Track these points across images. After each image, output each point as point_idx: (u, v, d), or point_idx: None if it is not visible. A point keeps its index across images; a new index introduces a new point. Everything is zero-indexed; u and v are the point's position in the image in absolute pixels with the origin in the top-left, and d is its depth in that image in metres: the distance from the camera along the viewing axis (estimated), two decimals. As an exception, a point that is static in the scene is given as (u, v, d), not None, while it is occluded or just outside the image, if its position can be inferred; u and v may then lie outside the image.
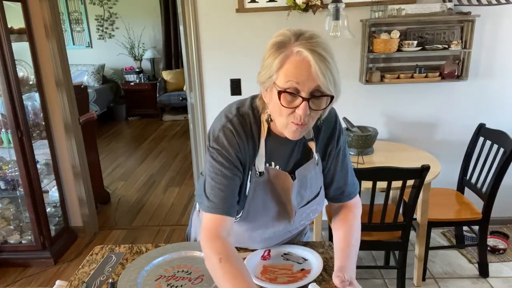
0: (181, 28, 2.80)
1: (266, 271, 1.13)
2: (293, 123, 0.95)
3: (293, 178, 1.10)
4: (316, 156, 1.11)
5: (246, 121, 1.05)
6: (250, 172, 1.07)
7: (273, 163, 1.08)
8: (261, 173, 1.06)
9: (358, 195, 1.24)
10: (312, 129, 1.08)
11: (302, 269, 1.13)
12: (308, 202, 1.16)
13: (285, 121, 0.96)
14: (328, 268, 1.14)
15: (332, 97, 0.93)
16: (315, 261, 1.15)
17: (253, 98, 1.09)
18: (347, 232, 1.13)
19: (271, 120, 1.01)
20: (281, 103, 0.93)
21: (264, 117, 1.05)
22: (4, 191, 2.77)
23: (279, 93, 0.92)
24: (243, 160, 1.05)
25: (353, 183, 1.21)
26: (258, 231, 1.17)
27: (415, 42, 2.57)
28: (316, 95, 0.92)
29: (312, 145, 1.10)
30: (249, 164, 1.06)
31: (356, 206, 1.20)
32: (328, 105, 0.95)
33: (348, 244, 1.09)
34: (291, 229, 1.21)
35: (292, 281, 1.07)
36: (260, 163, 1.06)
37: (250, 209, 1.10)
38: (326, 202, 1.25)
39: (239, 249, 1.25)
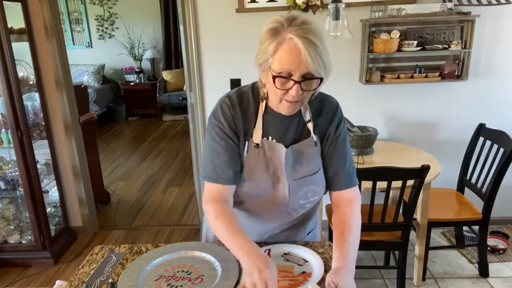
0: (181, 28, 2.80)
1: (267, 273, 1.12)
2: (287, 101, 1.07)
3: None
4: (314, 137, 1.18)
5: (244, 98, 1.18)
6: (247, 143, 1.16)
7: (270, 137, 1.17)
8: (257, 145, 1.15)
9: (358, 189, 1.24)
10: (310, 111, 1.19)
11: (303, 272, 1.13)
12: (303, 177, 1.18)
13: (279, 100, 1.08)
14: (328, 268, 1.14)
15: (321, 79, 1.04)
16: (315, 264, 1.15)
17: (255, 82, 1.21)
18: (345, 229, 1.13)
19: (266, 97, 1.14)
20: (275, 86, 1.04)
21: (261, 94, 1.16)
22: (4, 191, 2.77)
23: (274, 77, 1.03)
24: (238, 132, 1.15)
25: (352, 174, 1.23)
26: (257, 208, 1.20)
27: (415, 42, 2.57)
28: (307, 77, 1.02)
29: (310, 126, 1.18)
30: (246, 136, 1.16)
31: (355, 199, 1.21)
32: (319, 85, 1.07)
33: (345, 241, 1.09)
34: (290, 209, 1.22)
35: (293, 285, 1.07)
36: (257, 136, 1.15)
37: (247, 179, 1.17)
38: (327, 201, 1.24)
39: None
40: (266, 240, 1.29)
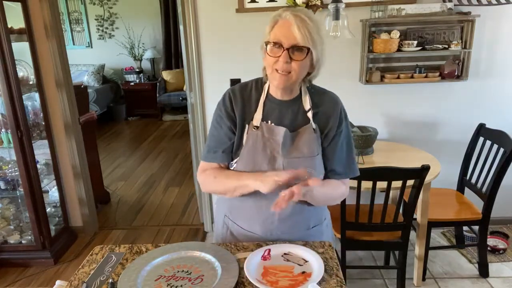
0: (181, 28, 2.80)
1: (267, 273, 1.12)
2: (277, 71, 1.19)
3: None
4: (313, 124, 1.27)
5: (247, 87, 1.32)
6: (247, 126, 1.27)
7: (269, 121, 1.27)
8: (257, 127, 1.26)
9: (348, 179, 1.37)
10: (311, 101, 1.29)
11: (303, 272, 1.13)
12: (298, 158, 1.25)
13: (271, 69, 1.20)
14: (328, 268, 1.14)
15: (308, 49, 1.16)
16: (315, 264, 1.15)
17: (260, 77, 1.34)
18: (329, 182, 1.31)
19: (265, 82, 1.29)
20: (267, 53, 1.19)
21: (264, 78, 1.29)
22: (4, 191, 2.77)
23: (266, 43, 1.19)
24: (236, 117, 1.27)
25: (352, 170, 1.34)
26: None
27: (415, 42, 2.57)
28: (295, 47, 1.16)
29: (310, 115, 1.28)
30: (246, 120, 1.27)
31: (344, 182, 1.35)
32: (306, 56, 1.17)
33: (326, 183, 1.29)
34: (285, 189, 1.22)
35: (293, 285, 1.07)
36: (256, 120, 1.27)
37: (246, 158, 1.26)
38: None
39: (239, 249, 1.25)
40: (271, 231, 1.31)
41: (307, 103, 1.28)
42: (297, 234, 1.33)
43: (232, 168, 1.29)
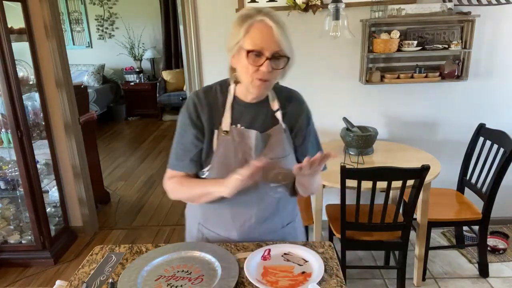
0: (181, 28, 2.80)
1: (267, 273, 1.12)
2: (257, 79, 1.14)
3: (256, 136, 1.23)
4: (283, 124, 1.26)
5: (212, 91, 1.26)
6: (216, 132, 1.23)
7: (238, 125, 1.23)
8: (226, 132, 1.22)
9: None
10: (278, 102, 1.27)
11: (303, 272, 1.13)
12: (270, 159, 1.21)
13: (251, 78, 1.14)
14: (328, 268, 1.14)
15: (288, 58, 1.13)
16: (315, 264, 1.15)
17: (224, 79, 1.28)
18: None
19: (236, 83, 1.22)
20: (248, 62, 1.12)
21: (232, 82, 1.24)
22: (4, 191, 2.77)
23: (248, 52, 1.11)
24: (203, 123, 1.22)
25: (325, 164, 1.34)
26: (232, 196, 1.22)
27: (415, 42, 2.57)
28: (276, 56, 1.11)
29: (279, 115, 1.26)
30: (213, 125, 1.23)
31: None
32: (286, 64, 1.14)
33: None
34: (262, 192, 1.24)
35: (293, 285, 1.07)
36: (225, 124, 1.22)
37: (217, 165, 1.23)
38: (327, 201, 1.24)
39: (239, 249, 1.25)
40: (249, 234, 1.30)
41: (275, 104, 1.27)
42: (273, 234, 1.34)
43: (204, 177, 1.25)
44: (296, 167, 1.10)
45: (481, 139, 2.55)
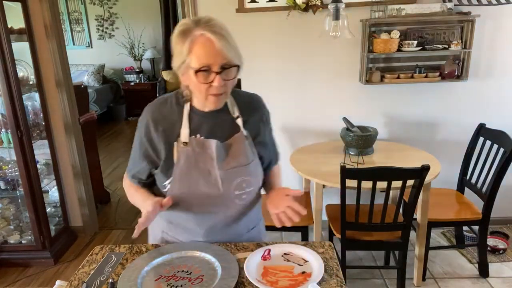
0: (181, 28, 2.79)
1: (267, 273, 1.12)
2: (212, 95, 1.13)
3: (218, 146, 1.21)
4: (244, 131, 1.23)
5: (167, 103, 1.23)
6: (176, 144, 1.19)
7: (198, 135, 1.20)
8: (185, 143, 1.18)
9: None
10: (238, 108, 1.25)
11: (303, 272, 1.13)
12: (233, 168, 1.21)
13: (205, 95, 1.13)
14: (328, 268, 1.14)
15: (238, 66, 1.12)
16: (315, 264, 1.15)
17: (178, 89, 1.24)
18: (277, 176, 1.42)
19: (187, 100, 1.21)
20: (199, 81, 1.09)
21: (185, 97, 1.22)
22: (4, 191, 2.77)
23: (196, 72, 1.08)
24: (157, 137, 1.20)
25: (278, 153, 1.43)
26: (195, 204, 1.24)
27: (415, 42, 2.57)
28: (225, 67, 1.09)
29: (240, 122, 1.24)
30: (171, 137, 1.20)
31: (278, 167, 1.45)
32: (237, 73, 1.13)
33: (279, 181, 1.41)
34: (226, 201, 1.23)
35: (293, 285, 1.07)
36: (184, 135, 1.19)
37: (178, 178, 1.20)
38: (327, 201, 1.24)
39: (239, 249, 1.25)
40: (213, 239, 1.29)
41: (235, 110, 1.24)
42: (239, 238, 1.33)
43: (165, 190, 1.23)
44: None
45: (481, 139, 2.55)
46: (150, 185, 1.31)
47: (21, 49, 2.63)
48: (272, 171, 1.40)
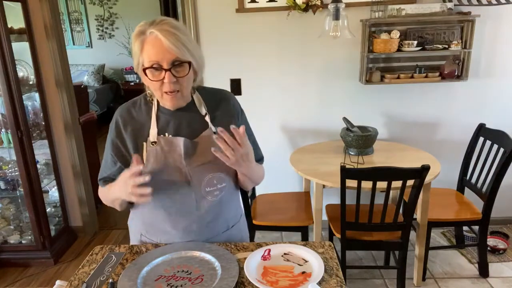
0: (181, 28, 2.80)
1: (267, 273, 1.12)
2: (166, 93, 1.15)
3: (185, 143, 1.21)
4: (213, 128, 1.24)
5: (136, 104, 1.28)
6: (145, 144, 1.22)
7: (166, 134, 1.22)
8: (153, 143, 1.21)
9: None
10: (205, 105, 1.26)
11: (303, 272, 1.13)
12: (202, 164, 1.22)
13: (160, 93, 1.16)
14: (328, 268, 1.14)
15: (190, 63, 1.12)
16: (315, 264, 1.15)
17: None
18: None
19: (152, 101, 1.25)
20: (149, 78, 1.12)
21: (149, 97, 1.25)
22: (4, 191, 2.77)
23: (144, 70, 1.12)
24: (125, 140, 1.24)
25: (257, 154, 1.36)
26: (169, 203, 1.24)
27: (415, 42, 2.57)
28: (175, 64, 1.11)
29: (207, 119, 1.25)
30: (141, 138, 1.22)
31: (259, 166, 1.37)
32: (190, 70, 1.14)
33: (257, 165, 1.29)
34: (198, 197, 1.23)
35: (293, 285, 1.07)
36: (152, 135, 1.21)
37: (148, 174, 1.18)
38: (327, 201, 1.24)
39: (239, 249, 1.25)
40: (194, 238, 1.28)
41: (202, 108, 1.25)
42: (218, 237, 1.31)
43: None
44: (213, 151, 1.10)
45: (481, 139, 2.55)
46: None
47: (21, 49, 2.63)
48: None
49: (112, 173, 1.28)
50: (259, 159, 1.40)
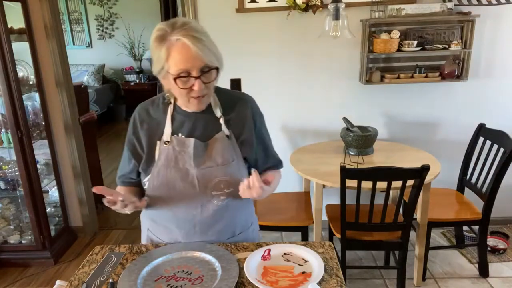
0: (181, 28, 2.80)
1: (267, 273, 1.12)
2: (194, 98, 1.15)
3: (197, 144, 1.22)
4: (226, 131, 1.24)
5: (154, 103, 1.28)
6: (159, 143, 1.22)
7: (180, 134, 1.23)
8: (166, 142, 1.21)
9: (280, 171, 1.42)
10: (221, 107, 1.26)
11: (303, 272, 1.13)
12: (209, 167, 1.22)
13: (186, 98, 1.16)
14: (328, 268, 1.14)
15: (217, 68, 1.13)
16: (315, 264, 1.15)
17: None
18: (273, 176, 1.25)
19: (170, 102, 1.24)
20: (178, 87, 1.11)
21: (171, 99, 1.25)
22: (4, 191, 2.77)
23: (175, 79, 1.10)
24: (140, 138, 1.25)
25: (274, 157, 1.39)
26: (175, 202, 1.25)
27: (415, 42, 2.57)
28: (205, 70, 1.10)
29: (222, 121, 1.24)
30: (156, 137, 1.23)
31: (277, 172, 1.39)
32: (218, 74, 1.15)
33: (274, 179, 1.25)
34: (204, 200, 1.23)
35: (293, 285, 1.07)
36: (166, 134, 1.22)
37: (156, 173, 1.23)
38: (326, 201, 1.24)
39: (239, 249, 1.25)
40: (197, 240, 1.28)
41: (217, 110, 1.25)
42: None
43: (145, 187, 1.28)
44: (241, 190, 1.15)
45: (481, 139, 2.55)
46: (140, 184, 1.33)
47: (21, 49, 2.63)
48: (266, 173, 1.34)
49: (127, 171, 1.30)
50: (277, 163, 1.40)
